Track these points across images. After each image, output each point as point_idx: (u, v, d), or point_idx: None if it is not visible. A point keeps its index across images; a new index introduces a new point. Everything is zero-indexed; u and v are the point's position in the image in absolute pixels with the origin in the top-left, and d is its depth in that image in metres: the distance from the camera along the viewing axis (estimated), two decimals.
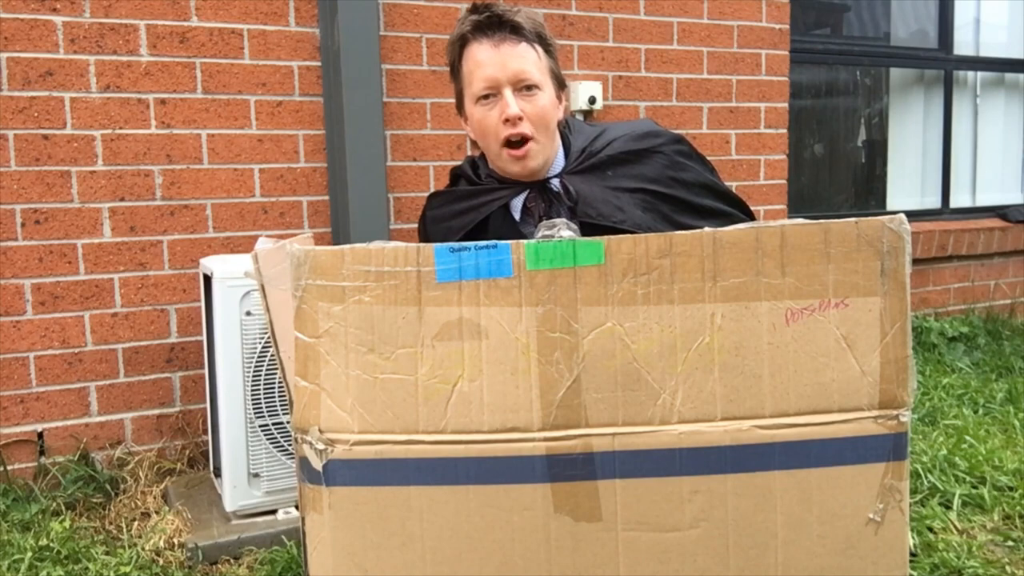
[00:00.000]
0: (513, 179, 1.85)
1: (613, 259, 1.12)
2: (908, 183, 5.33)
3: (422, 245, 1.14)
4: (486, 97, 1.78)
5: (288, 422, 2.45)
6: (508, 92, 1.76)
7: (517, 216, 1.87)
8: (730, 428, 1.13)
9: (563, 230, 1.18)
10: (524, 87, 1.77)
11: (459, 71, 1.84)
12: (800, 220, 1.16)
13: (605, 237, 1.12)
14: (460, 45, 1.81)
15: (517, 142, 1.78)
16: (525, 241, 1.13)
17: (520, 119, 1.76)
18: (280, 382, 2.59)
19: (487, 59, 1.76)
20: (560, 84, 1.87)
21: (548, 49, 1.83)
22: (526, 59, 1.77)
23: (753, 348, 1.13)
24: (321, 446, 1.13)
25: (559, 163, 1.89)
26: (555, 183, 1.85)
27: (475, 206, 1.87)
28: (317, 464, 1.13)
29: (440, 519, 1.13)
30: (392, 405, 1.13)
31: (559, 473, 1.12)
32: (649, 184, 1.85)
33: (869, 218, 1.13)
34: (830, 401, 1.14)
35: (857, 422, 1.15)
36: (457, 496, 1.13)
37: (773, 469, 1.14)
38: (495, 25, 1.77)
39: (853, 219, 1.13)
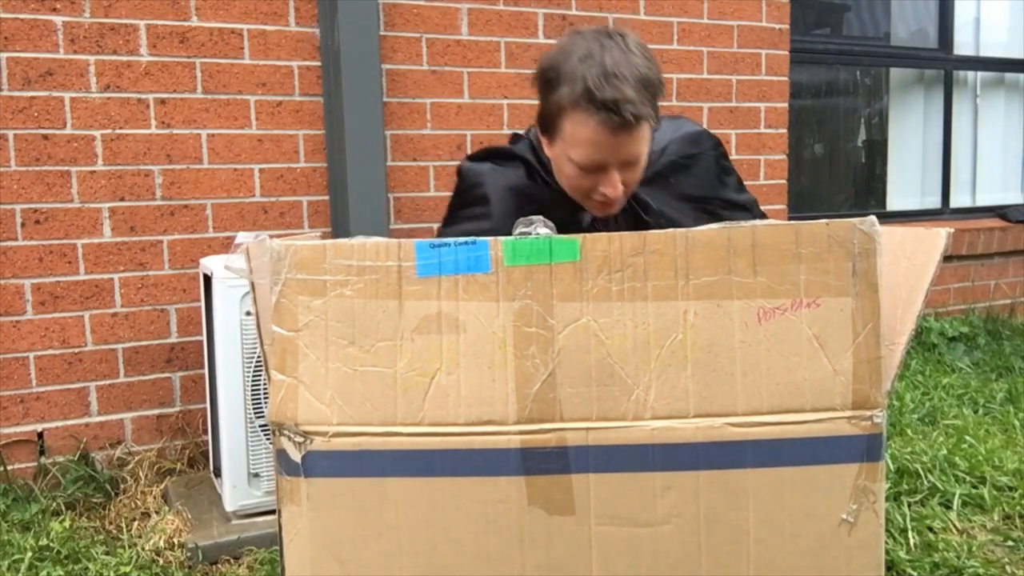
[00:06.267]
0: None
1: (588, 256, 1.13)
2: (908, 183, 5.33)
3: (403, 240, 1.15)
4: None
5: None
6: (615, 173, 1.63)
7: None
8: (702, 425, 1.13)
9: (540, 227, 1.20)
10: (629, 162, 1.64)
11: (557, 123, 1.64)
12: (771, 221, 1.16)
13: (581, 235, 1.13)
14: (570, 101, 1.59)
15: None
16: (503, 238, 1.14)
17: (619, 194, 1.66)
18: None
19: (600, 142, 1.58)
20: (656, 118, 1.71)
21: (657, 106, 1.64)
22: (641, 141, 1.62)
23: (725, 346, 1.13)
24: (300, 438, 1.14)
25: None
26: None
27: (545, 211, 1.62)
28: (296, 456, 1.14)
29: (416, 510, 1.14)
30: (371, 397, 1.14)
31: (533, 466, 1.13)
32: (701, 191, 1.85)
33: (840, 219, 1.13)
34: (803, 400, 1.14)
35: (830, 422, 1.14)
36: (433, 488, 1.14)
37: (746, 467, 1.14)
38: (620, 120, 1.55)
39: (824, 220, 1.14)
